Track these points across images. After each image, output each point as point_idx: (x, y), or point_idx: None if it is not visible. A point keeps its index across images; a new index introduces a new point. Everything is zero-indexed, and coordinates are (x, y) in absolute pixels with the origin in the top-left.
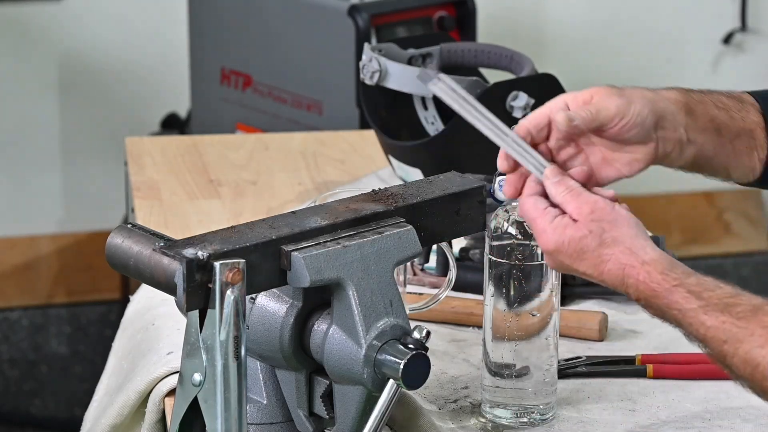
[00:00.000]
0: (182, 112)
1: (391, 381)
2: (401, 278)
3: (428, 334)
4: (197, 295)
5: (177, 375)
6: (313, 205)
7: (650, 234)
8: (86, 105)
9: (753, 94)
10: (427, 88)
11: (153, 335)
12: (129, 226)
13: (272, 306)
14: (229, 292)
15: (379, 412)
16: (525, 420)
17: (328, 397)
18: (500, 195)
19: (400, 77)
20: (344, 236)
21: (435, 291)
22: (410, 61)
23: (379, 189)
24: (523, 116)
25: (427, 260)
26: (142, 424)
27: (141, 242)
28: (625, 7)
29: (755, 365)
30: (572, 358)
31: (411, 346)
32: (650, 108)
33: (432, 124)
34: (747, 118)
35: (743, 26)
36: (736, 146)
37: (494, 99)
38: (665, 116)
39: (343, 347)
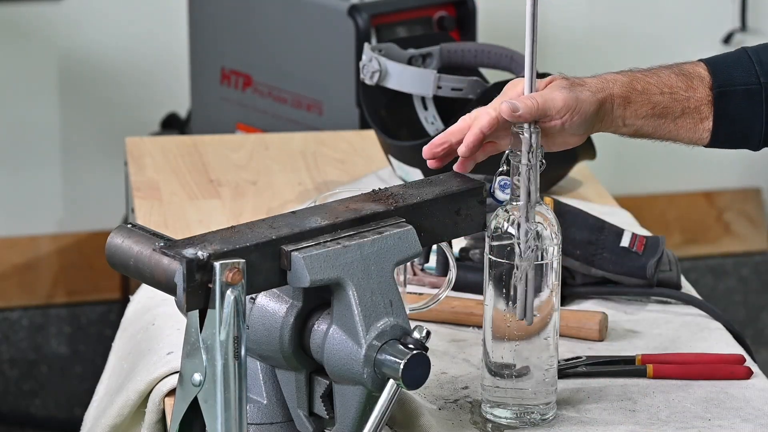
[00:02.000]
0: (182, 112)
1: (391, 381)
2: (401, 278)
3: (428, 334)
4: (197, 295)
5: (177, 375)
6: (313, 205)
7: (650, 234)
8: (86, 105)
9: (708, 62)
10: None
11: (153, 335)
12: (129, 226)
13: (272, 306)
14: (229, 292)
15: (379, 412)
16: (525, 420)
17: (328, 397)
18: (500, 195)
19: (400, 77)
20: (344, 236)
21: (435, 291)
22: (410, 61)
23: (379, 189)
24: None
25: (427, 260)
26: (142, 424)
27: (141, 242)
28: (626, 7)
29: None
30: (572, 358)
31: (411, 346)
32: (596, 106)
33: (432, 124)
34: (693, 96)
35: (743, 26)
36: (680, 124)
37: (494, 99)
38: (606, 112)
39: (343, 347)
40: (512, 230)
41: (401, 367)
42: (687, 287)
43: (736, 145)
